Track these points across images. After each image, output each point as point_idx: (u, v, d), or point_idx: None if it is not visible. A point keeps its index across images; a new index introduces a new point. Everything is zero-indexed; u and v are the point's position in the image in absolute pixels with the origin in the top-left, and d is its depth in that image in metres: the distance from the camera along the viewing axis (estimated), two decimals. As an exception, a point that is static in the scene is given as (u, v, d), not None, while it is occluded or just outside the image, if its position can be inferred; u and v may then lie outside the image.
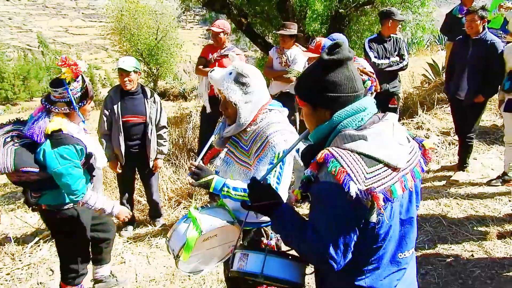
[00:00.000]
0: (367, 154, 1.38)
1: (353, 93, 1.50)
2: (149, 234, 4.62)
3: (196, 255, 2.18)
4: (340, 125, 1.48)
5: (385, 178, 1.38)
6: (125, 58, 4.36)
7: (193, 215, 2.12)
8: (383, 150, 1.40)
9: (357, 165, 1.36)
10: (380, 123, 1.49)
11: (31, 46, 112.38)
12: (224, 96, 2.22)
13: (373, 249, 1.47)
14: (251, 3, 9.46)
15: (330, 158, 1.38)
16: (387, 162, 1.39)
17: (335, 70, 1.49)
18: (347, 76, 1.50)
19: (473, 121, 4.92)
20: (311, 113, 1.58)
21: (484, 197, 4.54)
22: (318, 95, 1.52)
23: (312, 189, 1.48)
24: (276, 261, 1.70)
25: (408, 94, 7.92)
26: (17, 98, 58.97)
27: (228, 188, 2.11)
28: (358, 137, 1.42)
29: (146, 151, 4.49)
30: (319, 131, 1.55)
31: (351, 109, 1.49)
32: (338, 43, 1.51)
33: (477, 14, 4.52)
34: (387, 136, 1.45)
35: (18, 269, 4.12)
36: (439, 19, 8.67)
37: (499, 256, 3.54)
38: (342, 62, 1.49)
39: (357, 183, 1.33)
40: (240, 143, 2.28)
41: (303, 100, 1.58)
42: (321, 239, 1.39)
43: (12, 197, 6.66)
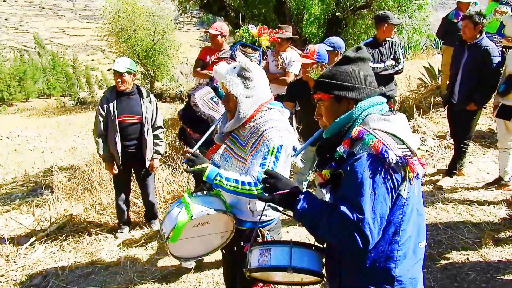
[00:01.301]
0: (394, 134, 1.52)
1: (374, 88, 1.71)
2: (145, 236, 4.60)
3: (187, 240, 2.23)
4: (364, 113, 1.62)
5: (409, 157, 1.50)
6: (120, 59, 4.36)
7: (186, 200, 2.18)
8: (405, 134, 1.55)
9: (389, 139, 1.49)
10: (396, 115, 1.65)
11: (28, 47, 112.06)
12: (226, 89, 2.26)
13: (400, 231, 1.54)
14: (249, 6, 9.47)
15: (365, 132, 1.50)
16: (409, 145, 1.53)
17: (363, 66, 1.69)
18: (370, 73, 1.71)
19: (468, 127, 4.89)
20: (333, 105, 1.69)
21: (479, 201, 4.55)
22: (344, 86, 1.65)
23: (346, 164, 1.52)
24: (302, 252, 1.71)
25: (404, 98, 7.95)
26: (13, 98, 58.73)
27: (221, 178, 2.16)
28: (383, 119, 1.57)
29: (142, 151, 4.48)
30: (340, 121, 1.64)
31: (374, 100, 1.67)
32: (360, 46, 1.74)
33: (471, 19, 4.52)
34: (404, 125, 1.61)
35: (12, 270, 4.10)
36: (435, 23, 8.71)
37: (494, 259, 3.55)
38: (365, 60, 1.71)
39: (393, 151, 1.45)
40: (239, 139, 2.31)
41: (328, 93, 1.69)
42: (357, 209, 1.42)
43: (7, 198, 6.63)
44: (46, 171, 8.26)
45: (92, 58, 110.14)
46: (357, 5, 8.35)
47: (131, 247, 4.40)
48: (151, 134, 4.50)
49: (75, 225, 4.93)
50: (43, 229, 4.90)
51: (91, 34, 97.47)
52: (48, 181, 6.61)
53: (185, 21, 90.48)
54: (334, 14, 8.35)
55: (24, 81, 64.06)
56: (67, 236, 4.66)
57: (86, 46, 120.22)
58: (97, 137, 4.40)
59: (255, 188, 2.10)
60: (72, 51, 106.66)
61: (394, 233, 1.53)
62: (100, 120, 4.35)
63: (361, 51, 1.71)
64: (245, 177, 2.14)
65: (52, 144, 12.02)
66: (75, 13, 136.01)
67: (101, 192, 5.62)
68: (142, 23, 19.91)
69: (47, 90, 73.33)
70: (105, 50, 66.50)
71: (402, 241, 1.55)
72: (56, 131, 14.35)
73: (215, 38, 5.37)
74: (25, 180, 7.85)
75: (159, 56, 20.88)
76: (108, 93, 4.43)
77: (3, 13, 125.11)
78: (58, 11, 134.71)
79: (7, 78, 59.02)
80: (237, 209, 2.33)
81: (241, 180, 2.13)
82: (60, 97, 57.60)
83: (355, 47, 1.75)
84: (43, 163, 9.17)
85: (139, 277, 3.87)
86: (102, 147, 4.37)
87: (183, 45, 24.32)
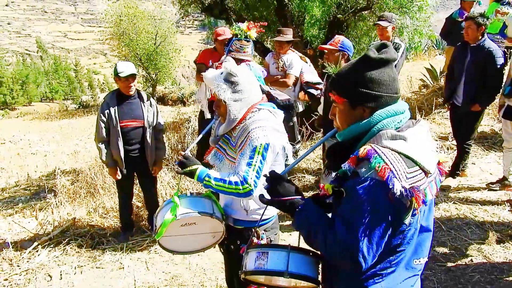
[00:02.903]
0: (407, 155, 1.38)
1: (395, 94, 1.52)
2: (148, 239, 4.60)
3: (176, 237, 2.37)
4: (379, 125, 1.48)
5: (420, 181, 1.38)
6: (124, 64, 4.31)
7: (174, 200, 2.30)
8: (420, 153, 1.41)
9: (399, 164, 1.36)
10: (416, 128, 1.49)
11: (30, 51, 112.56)
12: (216, 94, 2.30)
13: (396, 252, 1.47)
14: (250, 9, 9.48)
15: (373, 154, 1.37)
16: (422, 166, 1.40)
17: (381, 69, 1.50)
18: (391, 77, 1.51)
19: (471, 128, 4.91)
20: (348, 111, 1.55)
21: (483, 202, 4.54)
22: (361, 92, 1.50)
23: (349, 184, 1.43)
24: (299, 257, 1.69)
25: (406, 99, 7.94)
26: (15, 102, 59.02)
27: (209, 178, 2.20)
28: (399, 137, 1.42)
29: (145, 155, 4.48)
30: (354, 129, 1.52)
31: (392, 110, 1.50)
32: (385, 44, 1.55)
33: (474, 20, 4.52)
34: (422, 141, 1.46)
35: (16, 274, 4.10)
36: (436, 24, 8.71)
37: (498, 261, 3.54)
38: (389, 62, 1.51)
39: (400, 181, 1.32)
40: (230, 140, 2.36)
41: (342, 96, 1.55)
42: (354, 235, 1.36)
43: (10, 202, 6.65)
44: (49, 174, 8.28)
45: (94, 62, 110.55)
46: (358, 7, 8.34)
47: (134, 251, 4.40)
48: (153, 137, 4.50)
49: (78, 229, 4.94)
50: (46, 233, 4.90)
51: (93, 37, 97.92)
52: (51, 184, 6.62)
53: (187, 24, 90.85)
54: (335, 16, 8.34)
55: (27, 85, 64.36)
56: (70, 240, 4.66)
57: (88, 49, 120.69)
58: (99, 143, 4.38)
59: (241, 187, 2.13)
60: (74, 55, 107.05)
61: (389, 255, 1.47)
62: (102, 126, 4.33)
63: (386, 50, 1.52)
64: (233, 177, 2.18)
65: (55, 148, 12.06)
66: (77, 17, 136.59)
67: (104, 195, 5.63)
68: (144, 26, 20.00)
69: (49, 94, 73.65)
70: (107, 53, 66.74)
71: (395, 261, 1.49)
72: (58, 134, 14.40)
73: (224, 42, 5.40)
74: (28, 184, 7.88)
75: (161, 59, 20.96)
76: (108, 98, 4.42)
77: (6, 17, 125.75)
78: (60, 15, 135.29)
79: (9, 82, 59.32)
80: (231, 209, 2.40)
81: (228, 180, 2.17)
82: (63, 101, 57.82)
83: (379, 44, 1.56)
84: (45, 167, 9.21)
85: (142, 281, 3.87)
86: (105, 153, 4.37)
87: (185, 48, 24.36)
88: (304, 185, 5.45)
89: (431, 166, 1.43)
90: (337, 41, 4.17)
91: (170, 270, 4.00)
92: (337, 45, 4.14)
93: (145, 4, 21.99)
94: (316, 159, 5.97)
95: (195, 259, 4.13)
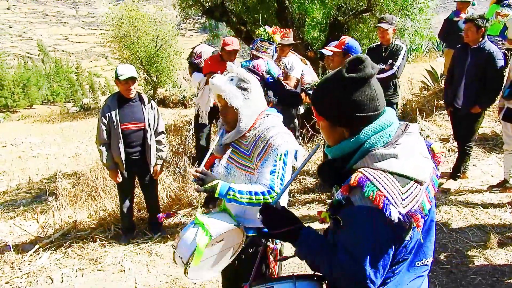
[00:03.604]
0: (400, 173, 1.33)
1: (375, 112, 1.42)
2: (149, 242, 4.60)
3: (203, 261, 2.17)
4: (367, 143, 1.40)
5: (417, 196, 1.34)
6: (124, 67, 4.31)
7: (200, 220, 2.12)
8: (413, 166, 1.36)
9: (393, 187, 1.31)
10: (405, 137, 1.44)
11: (31, 54, 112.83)
12: (224, 102, 2.24)
13: (399, 262, 1.44)
14: (250, 11, 9.51)
15: (365, 182, 1.31)
16: (417, 179, 1.35)
17: (357, 89, 1.40)
18: (369, 96, 1.40)
19: (471, 130, 4.89)
20: (329, 128, 1.49)
21: (484, 204, 4.53)
22: (337, 114, 1.43)
23: (345, 213, 1.39)
24: (305, 285, 1.65)
25: (407, 101, 7.93)
26: (16, 105, 59.18)
27: (234, 192, 2.14)
28: (389, 156, 1.36)
29: (146, 158, 4.49)
30: (342, 149, 1.45)
31: (379, 125, 1.42)
32: (361, 58, 1.42)
33: (474, 23, 4.51)
34: (414, 152, 1.41)
35: (17, 277, 4.10)
36: (437, 25, 8.72)
37: (500, 263, 3.53)
38: (365, 80, 1.40)
39: (396, 207, 1.28)
40: (240, 148, 2.31)
41: (321, 116, 1.49)
42: (359, 263, 1.33)
43: (12, 205, 6.66)
44: (50, 177, 8.30)
45: (95, 65, 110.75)
46: (358, 9, 8.36)
47: (135, 254, 4.40)
48: (154, 140, 4.51)
49: (79, 232, 4.94)
50: (47, 236, 4.91)
51: (94, 40, 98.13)
52: (52, 187, 6.63)
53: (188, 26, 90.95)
54: (335, 18, 8.37)
55: (28, 88, 64.55)
56: (71, 243, 4.67)
57: (89, 52, 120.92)
58: (100, 146, 4.39)
59: (269, 196, 2.10)
60: (76, 58, 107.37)
61: (392, 266, 1.43)
62: (103, 128, 4.35)
63: (361, 68, 1.40)
64: (257, 187, 2.14)
65: (56, 151, 12.08)
66: (78, 20, 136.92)
67: (105, 198, 5.64)
68: (145, 29, 20.04)
69: (50, 96, 73.85)
70: (108, 56, 66.88)
71: (398, 269, 1.46)
72: (59, 137, 14.42)
73: (235, 54, 5.50)
74: (29, 186, 7.89)
75: (162, 62, 20.99)
76: (109, 101, 4.43)
77: (7, 21, 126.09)
78: (62, 18, 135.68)
79: (11, 85, 59.52)
80: (244, 218, 2.31)
81: (254, 191, 2.12)
82: (64, 104, 57.98)
83: (354, 59, 1.43)
84: (47, 170, 9.22)
85: (143, 283, 3.87)
86: (106, 156, 4.38)
87: (186, 50, 24.39)
88: (305, 187, 5.45)
89: (425, 174, 1.39)
90: (342, 42, 4.04)
91: (171, 272, 4.00)
92: (342, 47, 4.00)
93: (146, 7, 22.06)
94: (318, 161, 5.97)
95: (196, 262, 4.13)
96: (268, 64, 4.18)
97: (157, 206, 4.88)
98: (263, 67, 4.21)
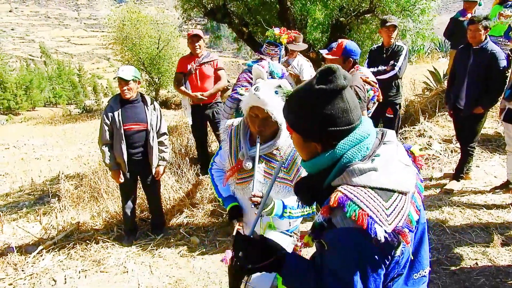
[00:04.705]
0: (381, 187, 1.25)
1: (348, 126, 1.32)
2: (152, 243, 4.61)
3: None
4: (344, 158, 1.31)
5: (402, 209, 1.25)
6: (124, 67, 4.38)
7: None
8: (394, 178, 1.28)
9: (376, 203, 1.22)
10: (383, 147, 1.35)
11: (34, 56, 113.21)
12: (266, 115, 2.14)
13: (394, 279, 1.37)
14: (252, 13, 9.52)
15: (345, 201, 1.23)
16: (400, 190, 1.27)
17: (328, 102, 1.30)
18: (341, 109, 1.30)
19: (474, 130, 4.88)
20: (301, 143, 1.40)
21: (487, 205, 4.52)
22: (308, 128, 1.34)
23: (328, 236, 1.29)
24: None
25: (409, 102, 7.93)
26: (19, 107, 59.40)
27: (290, 209, 2.15)
28: (368, 170, 1.27)
29: (148, 159, 4.50)
30: (318, 164, 1.37)
31: (355, 138, 1.32)
32: (332, 69, 1.31)
33: (481, 24, 4.50)
34: (394, 162, 1.32)
35: (20, 279, 4.11)
36: (439, 26, 8.71)
37: (503, 264, 3.51)
38: (336, 92, 1.30)
39: (382, 225, 1.20)
40: (273, 160, 2.27)
41: (291, 128, 1.40)
42: (348, 287, 1.24)
43: (14, 207, 6.67)
44: (52, 179, 8.31)
45: (98, 67, 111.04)
46: (360, 10, 8.36)
47: (138, 255, 4.41)
48: (156, 141, 4.52)
49: (82, 233, 4.95)
50: (50, 238, 4.92)
51: (96, 42, 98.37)
52: (55, 189, 6.64)
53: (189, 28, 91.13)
54: (337, 19, 8.37)
55: (31, 90, 64.80)
56: (74, 244, 4.67)
57: (91, 54, 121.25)
58: (102, 146, 4.41)
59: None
60: (78, 60, 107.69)
61: (387, 283, 1.36)
62: (105, 129, 4.37)
63: (331, 79, 1.30)
64: None
65: (59, 153, 12.09)
66: (80, 22, 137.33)
67: (107, 199, 5.64)
68: (147, 31, 20.06)
69: (53, 98, 74.10)
70: (110, 58, 66.98)
71: (394, 285, 1.38)
72: (62, 139, 14.44)
73: (197, 38, 5.57)
74: (32, 188, 7.90)
75: (164, 63, 20.99)
76: (112, 101, 4.45)
77: (10, 23, 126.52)
78: (64, 20, 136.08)
79: (13, 87, 59.76)
80: (275, 225, 2.33)
81: (300, 204, 2.14)
82: (66, 106, 58.13)
83: (325, 69, 1.32)
84: (49, 172, 9.23)
85: (146, 284, 3.88)
86: (108, 156, 4.39)
87: (188, 52, 24.44)
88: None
89: (408, 183, 1.31)
90: (339, 45, 3.87)
91: (174, 274, 4.00)
92: (340, 53, 3.83)
93: (148, 8, 22.11)
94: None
95: (199, 263, 4.14)
96: (270, 65, 4.17)
97: (160, 207, 4.88)
98: (266, 68, 4.21)
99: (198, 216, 5.05)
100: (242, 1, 9.52)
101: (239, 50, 12.94)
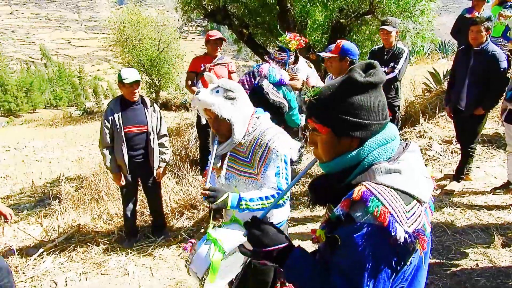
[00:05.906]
0: (404, 190, 1.24)
1: (384, 120, 1.35)
2: (153, 245, 4.61)
3: (218, 275, 2.13)
4: (370, 156, 1.31)
5: (419, 217, 1.24)
6: (128, 70, 4.34)
7: (213, 236, 2.05)
8: (416, 185, 1.27)
9: (398, 204, 1.20)
10: (408, 154, 1.35)
11: (34, 58, 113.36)
12: (214, 114, 2.23)
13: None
14: (252, 14, 9.54)
15: (369, 196, 1.21)
16: (419, 198, 1.26)
17: (369, 93, 1.32)
18: (381, 101, 1.34)
19: (474, 131, 4.88)
20: (332, 141, 1.36)
21: (488, 205, 4.52)
22: (348, 121, 1.32)
23: (343, 231, 1.25)
24: None
25: (409, 103, 7.93)
26: (20, 110, 59.47)
27: (246, 201, 2.14)
28: (393, 171, 1.26)
29: (149, 161, 4.50)
30: (342, 163, 1.35)
31: (383, 138, 1.33)
32: (372, 64, 1.35)
33: (483, 25, 4.49)
34: (416, 170, 1.31)
35: (21, 281, 4.11)
36: (439, 27, 8.72)
37: (504, 265, 3.51)
38: (378, 85, 1.33)
39: (402, 225, 1.18)
40: (238, 156, 2.32)
41: (325, 125, 1.36)
42: (355, 287, 1.21)
43: (15, 209, 6.67)
44: (53, 181, 8.32)
45: (98, 69, 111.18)
46: (360, 12, 8.37)
47: (139, 257, 4.41)
48: (157, 143, 4.53)
49: (83, 235, 4.95)
50: (51, 240, 4.92)
51: (96, 44, 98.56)
52: (56, 191, 6.65)
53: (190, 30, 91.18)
54: (337, 21, 8.38)
55: (31, 92, 64.89)
56: (75, 247, 4.67)
57: (91, 56, 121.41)
58: (103, 149, 4.40)
59: None
60: (78, 62, 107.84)
61: None
62: (106, 132, 4.36)
63: (373, 72, 1.33)
64: (266, 191, 2.15)
65: (59, 155, 12.11)
66: (81, 24, 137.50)
67: (108, 202, 5.64)
68: (147, 33, 20.12)
69: (53, 100, 74.20)
70: (111, 60, 67.06)
71: None
72: (63, 141, 14.46)
73: (221, 41, 5.55)
74: (32, 190, 7.90)
75: (164, 65, 21.05)
76: (112, 104, 4.45)
77: (10, 25, 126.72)
78: (64, 22, 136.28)
79: (14, 89, 59.87)
80: None
81: (264, 196, 2.14)
82: (67, 108, 58.14)
83: (364, 64, 1.36)
84: (50, 174, 9.24)
85: (147, 287, 3.88)
86: (109, 159, 4.39)
87: (188, 54, 24.43)
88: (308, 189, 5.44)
89: (426, 195, 1.30)
90: (337, 46, 3.95)
91: (175, 275, 4.00)
92: (337, 51, 3.92)
93: (148, 10, 22.15)
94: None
95: (199, 265, 4.13)
96: (270, 69, 4.15)
97: (161, 209, 4.88)
98: (265, 71, 4.22)
99: (198, 218, 5.05)
100: (242, 3, 9.54)
101: (239, 51, 12.96)
